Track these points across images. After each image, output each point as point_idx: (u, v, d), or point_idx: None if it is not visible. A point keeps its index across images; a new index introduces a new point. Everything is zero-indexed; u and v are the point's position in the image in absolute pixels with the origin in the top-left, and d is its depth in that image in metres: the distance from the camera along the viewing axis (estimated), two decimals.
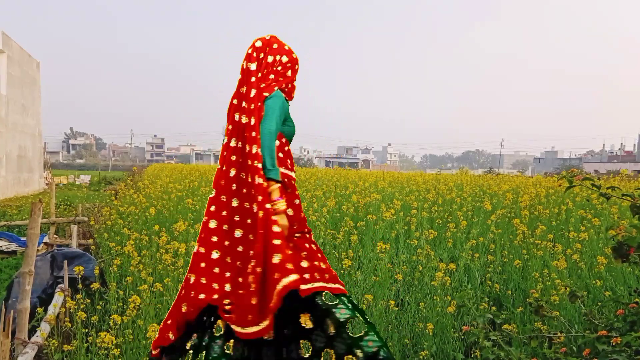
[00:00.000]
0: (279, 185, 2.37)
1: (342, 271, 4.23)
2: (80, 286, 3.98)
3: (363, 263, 4.85)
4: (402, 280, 4.44)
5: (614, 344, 2.27)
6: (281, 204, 2.34)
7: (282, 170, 2.47)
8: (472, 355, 3.30)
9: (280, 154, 2.52)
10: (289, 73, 2.63)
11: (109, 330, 3.14)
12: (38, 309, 3.64)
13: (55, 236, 7.25)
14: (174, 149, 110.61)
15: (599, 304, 3.66)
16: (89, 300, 3.78)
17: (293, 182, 2.59)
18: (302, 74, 2.82)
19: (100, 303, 3.86)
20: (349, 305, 2.33)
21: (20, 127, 17.71)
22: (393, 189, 9.12)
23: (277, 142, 2.50)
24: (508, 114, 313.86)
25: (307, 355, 2.31)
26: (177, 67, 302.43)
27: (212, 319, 2.39)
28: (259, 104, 2.45)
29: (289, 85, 2.65)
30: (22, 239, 6.96)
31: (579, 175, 2.55)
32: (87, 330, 3.33)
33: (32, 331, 3.51)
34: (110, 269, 4.41)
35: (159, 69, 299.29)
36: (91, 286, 3.76)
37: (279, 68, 2.59)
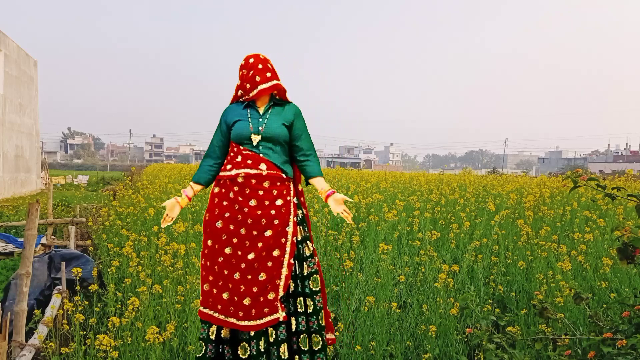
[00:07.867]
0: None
1: (344, 272, 4.19)
2: (78, 288, 3.94)
3: (365, 264, 4.81)
4: (405, 282, 4.40)
5: (619, 346, 2.25)
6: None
7: (238, 171, 2.73)
8: (476, 358, 3.27)
9: (238, 158, 2.77)
10: (238, 80, 2.83)
11: (107, 332, 3.10)
12: (35, 311, 3.60)
13: (53, 237, 7.20)
14: (173, 149, 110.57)
15: (604, 306, 3.63)
16: (87, 302, 3.74)
17: (257, 178, 2.72)
18: (301, 73, 2.71)
19: (99, 305, 3.82)
20: None
21: (18, 127, 17.67)
22: (395, 190, 9.08)
23: (233, 151, 2.82)
24: (512, 114, 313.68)
25: None
26: (177, 66, 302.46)
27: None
28: None
29: (241, 90, 2.82)
30: (19, 240, 6.92)
31: (584, 175, 2.53)
32: (85, 332, 3.29)
33: (29, 333, 3.48)
34: (109, 270, 4.36)
35: (158, 68, 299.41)
36: (89, 288, 3.72)
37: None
